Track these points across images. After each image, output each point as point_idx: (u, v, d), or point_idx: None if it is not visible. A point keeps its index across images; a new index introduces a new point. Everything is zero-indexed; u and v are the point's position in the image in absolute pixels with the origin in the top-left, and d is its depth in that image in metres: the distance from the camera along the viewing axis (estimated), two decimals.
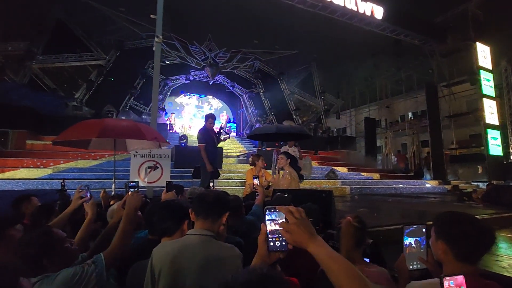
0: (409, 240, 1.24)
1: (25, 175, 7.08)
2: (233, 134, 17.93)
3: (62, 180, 3.53)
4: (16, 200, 2.11)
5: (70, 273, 1.18)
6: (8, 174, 6.94)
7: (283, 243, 0.80)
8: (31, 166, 7.66)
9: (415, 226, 1.24)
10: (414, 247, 1.24)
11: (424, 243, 1.23)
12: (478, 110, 12.30)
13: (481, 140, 12.25)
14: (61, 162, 8.24)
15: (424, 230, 1.23)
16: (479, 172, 13.47)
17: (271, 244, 0.81)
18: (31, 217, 2.15)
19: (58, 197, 2.93)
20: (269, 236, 0.81)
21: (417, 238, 1.24)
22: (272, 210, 0.82)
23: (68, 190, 4.41)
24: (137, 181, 2.00)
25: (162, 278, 1.20)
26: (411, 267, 1.23)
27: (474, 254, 1.08)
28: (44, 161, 8.02)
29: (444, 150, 13.18)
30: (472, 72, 12.36)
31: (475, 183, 12.28)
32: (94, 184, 6.15)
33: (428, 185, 11.37)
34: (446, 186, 11.36)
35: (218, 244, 1.33)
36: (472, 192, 8.35)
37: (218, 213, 1.40)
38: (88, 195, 2.11)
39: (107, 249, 1.39)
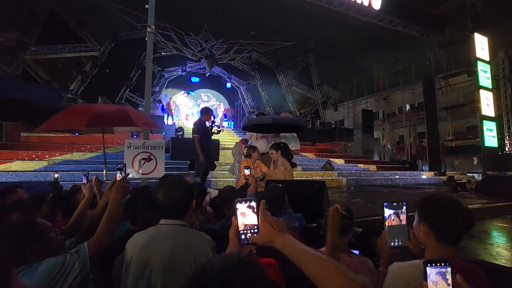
0: (388, 212, 1.21)
1: (20, 167, 7.05)
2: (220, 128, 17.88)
3: (55, 173, 3.51)
4: (0, 192, 2.11)
5: (52, 263, 1.16)
6: (2, 167, 6.90)
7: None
8: (26, 159, 7.61)
9: (395, 203, 1.21)
10: (393, 220, 1.21)
11: (404, 216, 1.20)
12: (474, 102, 12.31)
13: (477, 132, 12.30)
14: (57, 154, 8.19)
15: (404, 207, 1.20)
16: (475, 163, 13.61)
17: (243, 237, 0.80)
18: (22, 206, 2.15)
19: (50, 189, 2.93)
20: (241, 229, 0.81)
21: (397, 211, 1.21)
22: (243, 202, 0.81)
23: (62, 182, 4.40)
24: (125, 163, 2.01)
25: (132, 267, 1.22)
26: (392, 243, 1.22)
27: (454, 236, 1.09)
28: (39, 154, 7.97)
29: (440, 142, 13.25)
30: (470, 64, 12.32)
31: (470, 174, 12.41)
32: (90, 176, 6.14)
33: (423, 176, 11.47)
34: (441, 177, 11.46)
35: (188, 231, 1.32)
36: (466, 182, 8.45)
37: (179, 213, 1.32)
38: (85, 179, 2.25)
39: (91, 238, 1.37)
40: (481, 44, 12.34)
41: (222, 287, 0.52)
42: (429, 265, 0.81)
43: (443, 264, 0.80)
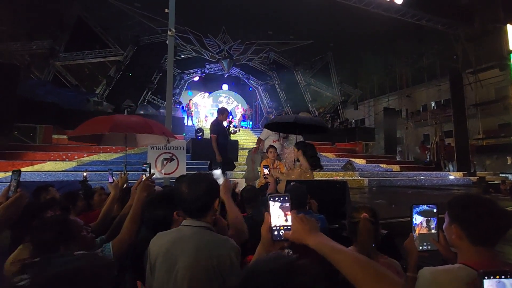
0: (418, 220, 1.17)
1: (52, 167, 7.48)
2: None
3: (84, 172, 3.71)
4: (35, 190, 2.25)
5: None
6: (37, 167, 7.36)
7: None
8: (57, 159, 8.07)
9: (426, 206, 1.17)
10: (425, 227, 1.17)
11: (435, 224, 1.16)
12: (508, 98, 11.57)
13: (511, 130, 11.54)
14: (85, 155, 8.62)
15: (435, 210, 1.17)
16: (508, 163, 12.76)
17: (275, 233, 0.80)
18: (58, 203, 2.27)
19: (80, 187, 3.09)
20: (273, 225, 0.81)
21: (428, 218, 1.17)
22: (276, 199, 0.81)
23: (90, 182, 4.62)
24: (149, 163, 2.08)
25: (157, 270, 1.23)
26: (420, 247, 1.18)
27: (491, 237, 1.01)
28: (69, 154, 8.43)
29: (469, 141, 12.56)
30: (502, 57, 11.58)
31: (504, 175, 11.64)
32: (115, 175, 6.41)
33: (451, 177, 10.93)
34: (471, 178, 10.86)
35: (211, 235, 1.29)
36: (500, 183, 7.93)
37: (201, 211, 1.30)
38: (111, 178, 2.34)
39: (116, 237, 1.39)
40: None
41: None
42: (486, 277, 0.70)
43: (503, 276, 0.70)
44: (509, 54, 11.28)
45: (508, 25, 11.35)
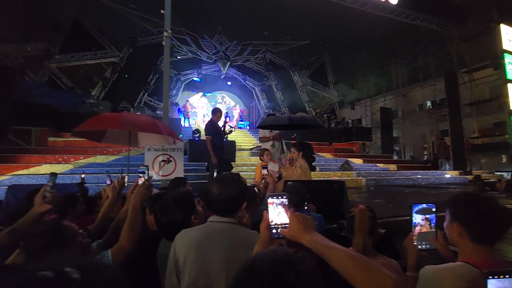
0: (418, 219, 1.19)
1: (48, 170, 7.39)
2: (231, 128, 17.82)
3: (81, 174, 3.68)
4: (29, 193, 2.21)
5: None
6: (32, 170, 7.28)
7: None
8: (53, 162, 7.99)
9: (425, 205, 1.18)
10: (423, 225, 1.19)
11: (434, 223, 1.18)
12: (502, 96, 11.69)
13: (505, 128, 11.66)
14: (81, 158, 8.54)
15: (434, 209, 1.18)
16: (503, 161, 12.90)
17: (274, 231, 0.81)
18: (56, 206, 2.25)
19: (78, 190, 3.07)
20: (272, 223, 0.82)
21: (427, 216, 1.19)
22: (275, 197, 0.82)
23: (87, 184, 4.58)
24: (147, 166, 2.05)
25: (188, 265, 1.21)
26: (419, 247, 1.19)
27: (491, 235, 1.02)
28: (65, 157, 8.34)
29: (465, 139, 12.67)
30: (496, 56, 11.71)
31: (499, 173, 11.76)
32: (112, 178, 6.36)
33: (447, 176, 11.02)
34: (467, 176, 10.95)
35: (242, 229, 1.32)
36: (496, 182, 8.00)
37: (230, 211, 1.32)
38: (109, 180, 2.31)
39: (116, 245, 1.35)
40: (508, 35, 11.71)
41: (277, 279, 0.55)
42: (490, 277, 0.70)
43: (507, 276, 0.69)
44: (502, 53, 11.40)
45: (502, 25, 11.49)
